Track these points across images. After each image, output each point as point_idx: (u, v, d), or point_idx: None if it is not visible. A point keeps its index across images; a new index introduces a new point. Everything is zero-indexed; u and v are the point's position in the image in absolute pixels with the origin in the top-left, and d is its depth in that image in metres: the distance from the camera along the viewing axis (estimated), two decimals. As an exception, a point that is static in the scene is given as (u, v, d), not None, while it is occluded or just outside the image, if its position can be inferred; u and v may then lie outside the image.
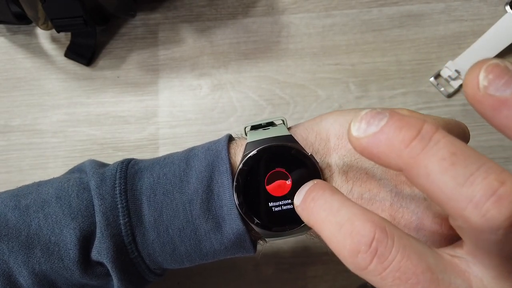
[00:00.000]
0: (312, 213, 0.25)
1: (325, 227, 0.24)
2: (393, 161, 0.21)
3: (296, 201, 0.28)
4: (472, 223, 0.19)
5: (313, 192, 0.26)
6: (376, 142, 0.21)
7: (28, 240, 0.35)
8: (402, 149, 0.21)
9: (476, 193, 0.19)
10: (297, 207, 0.28)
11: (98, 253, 0.34)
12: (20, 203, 0.36)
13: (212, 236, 0.34)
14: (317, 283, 0.56)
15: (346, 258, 0.23)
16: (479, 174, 0.19)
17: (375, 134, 0.21)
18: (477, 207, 0.19)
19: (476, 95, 0.20)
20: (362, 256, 0.22)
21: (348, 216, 0.23)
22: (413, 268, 0.21)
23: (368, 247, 0.22)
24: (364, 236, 0.22)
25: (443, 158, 0.20)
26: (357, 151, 0.23)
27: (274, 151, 0.33)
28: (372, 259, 0.22)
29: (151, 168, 0.36)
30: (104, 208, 0.34)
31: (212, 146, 0.36)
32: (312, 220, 0.26)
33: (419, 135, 0.20)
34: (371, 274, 0.22)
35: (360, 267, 0.22)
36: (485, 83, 0.20)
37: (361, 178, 0.32)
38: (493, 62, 0.20)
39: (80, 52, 0.62)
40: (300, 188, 0.28)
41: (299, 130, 0.36)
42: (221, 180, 0.34)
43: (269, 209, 0.33)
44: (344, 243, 0.22)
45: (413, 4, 0.64)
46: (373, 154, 0.22)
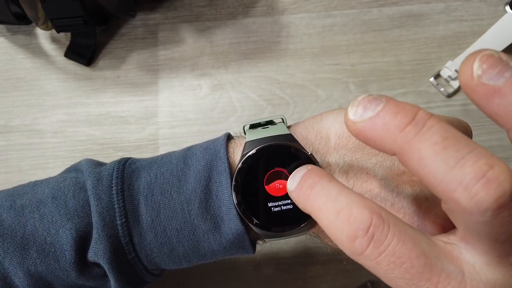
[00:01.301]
0: (309, 199, 0.26)
1: (322, 214, 0.25)
2: (387, 145, 0.22)
3: (290, 186, 0.28)
4: (462, 205, 0.20)
5: (309, 178, 0.27)
6: (372, 126, 0.22)
7: (23, 241, 0.34)
8: (397, 134, 0.21)
9: (466, 175, 0.19)
10: (292, 192, 0.28)
11: (94, 254, 0.34)
12: (15, 203, 0.36)
13: (211, 236, 0.34)
14: (317, 283, 0.56)
15: (344, 244, 0.23)
16: (469, 158, 0.20)
17: (371, 118, 0.22)
18: (467, 189, 0.19)
19: (470, 84, 0.21)
20: (359, 241, 0.23)
21: (346, 203, 0.24)
22: (407, 253, 0.22)
23: (365, 232, 0.22)
24: (362, 222, 0.23)
25: (435, 143, 0.20)
26: (353, 135, 0.24)
27: (274, 150, 0.33)
28: (369, 244, 0.22)
29: (148, 167, 0.36)
30: (100, 208, 0.34)
31: (210, 145, 0.36)
32: (309, 206, 0.26)
33: (413, 121, 0.21)
34: (367, 259, 0.23)
35: (357, 252, 0.23)
36: (479, 72, 0.20)
37: (362, 178, 0.32)
38: (487, 52, 0.21)
39: (80, 52, 0.62)
40: (294, 173, 0.28)
41: (299, 129, 0.35)
42: (219, 179, 0.34)
43: (268, 209, 0.33)
44: (342, 229, 0.23)
45: (413, 4, 0.64)
46: (368, 138, 0.23)
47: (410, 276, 0.22)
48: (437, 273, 0.22)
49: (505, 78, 0.20)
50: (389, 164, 0.32)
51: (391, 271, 0.22)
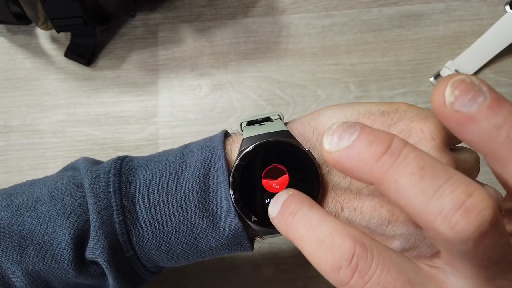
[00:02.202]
0: (291, 227, 0.26)
1: (305, 242, 0.24)
2: (364, 175, 0.22)
3: (271, 212, 0.28)
4: (443, 235, 0.19)
5: (290, 205, 0.26)
6: (348, 156, 0.22)
7: (21, 240, 0.34)
8: (373, 164, 0.21)
9: (445, 205, 0.19)
10: (273, 219, 0.28)
11: (92, 252, 0.34)
12: (12, 202, 0.36)
13: (209, 233, 0.34)
14: (317, 283, 0.56)
15: (328, 274, 0.23)
16: (447, 187, 0.19)
17: (346, 148, 0.22)
18: (446, 220, 0.19)
19: (443, 112, 0.21)
20: (343, 272, 0.22)
21: (329, 231, 0.24)
22: (393, 282, 0.22)
23: (349, 262, 0.22)
24: (345, 252, 0.22)
25: (412, 173, 0.20)
26: (330, 165, 0.24)
27: (271, 146, 0.33)
28: (353, 274, 0.22)
29: (146, 165, 0.36)
30: (98, 207, 0.34)
31: (207, 143, 0.36)
32: (291, 234, 0.26)
33: (389, 150, 0.21)
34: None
35: (342, 282, 0.22)
36: (451, 99, 0.20)
37: None
38: (459, 78, 0.20)
39: (80, 52, 0.62)
40: (275, 198, 0.28)
41: (296, 125, 0.35)
42: (217, 176, 0.34)
43: (266, 206, 0.33)
44: (325, 258, 0.23)
45: (413, 4, 0.64)
46: (345, 168, 0.22)
47: None
48: None
49: (478, 104, 0.20)
50: None
51: None
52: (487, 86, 0.21)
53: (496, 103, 0.20)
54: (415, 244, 0.31)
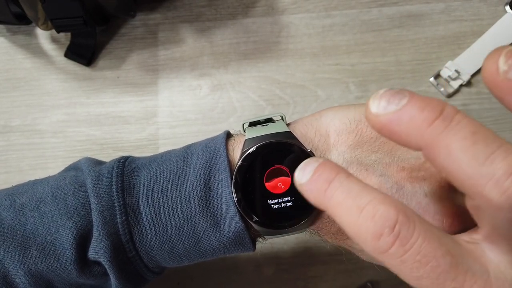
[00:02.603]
0: (326, 195, 0.25)
1: (342, 210, 0.24)
2: (413, 139, 0.22)
3: (299, 179, 0.26)
4: (492, 200, 0.20)
5: (324, 172, 0.25)
6: (398, 119, 0.22)
7: (23, 240, 0.34)
8: (425, 128, 0.21)
9: (497, 171, 0.19)
10: (302, 185, 0.26)
11: (95, 252, 0.34)
12: (15, 202, 0.36)
13: (211, 234, 0.34)
14: (317, 283, 0.56)
15: (367, 241, 0.22)
16: (499, 153, 0.19)
17: (396, 111, 0.22)
18: (498, 185, 0.19)
19: (495, 80, 0.21)
20: (385, 239, 0.22)
21: (370, 199, 0.23)
22: (433, 252, 0.21)
23: (391, 230, 0.22)
24: (388, 219, 0.22)
25: (465, 137, 0.20)
26: (375, 129, 0.23)
27: (273, 147, 0.33)
28: (394, 242, 0.22)
29: (148, 165, 0.36)
30: (100, 207, 0.34)
31: (210, 143, 0.36)
32: (325, 202, 0.25)
33: (441, 115, 0.21)
34: (391, 257, 0.22)
35: (381, 250, 0.22)
36: (505, 67, 0.20)
37: (362, 175, 0.32)
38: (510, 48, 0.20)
39: (80, 52, 0.62)
40: (302, 164, 0.27)
41: (298, 126, 0.35)
42: (219, 177, 0.34)
43: (268, 207, 0.33)
44: (366, 226, 0.22)
45: (413, 4, 0.64)
46: (392, 132, 0.22)
47: (436, 275, 0.21)
48: (463, 272, 0.22)
49: None
50: (388, 161, 0.32)
51: (416, 270, 0.22)
52: None
53: None
54: None
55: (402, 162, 0.32)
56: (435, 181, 0.31)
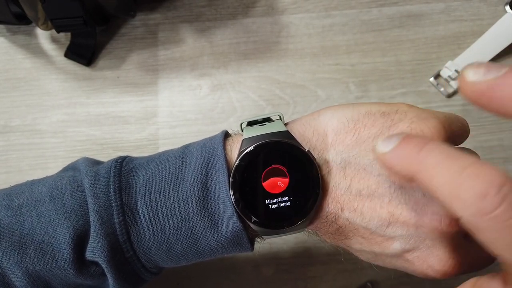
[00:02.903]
0: (417, 157, 0.24)
1: (438, 171, 0.22)
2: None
3: (383, 148, 0.26)
4: None
5: (414, 139, 0.25)
6: (500, 85, 0.21)
7: (21, 240, 0.34)
8: None
9: None
10: (385, 154, 0.25)
11: (92, 253, 0.34)
12: (12, 202, 0.36)
13: (209, 234, 0.34)
14: (317, 283, 0.56)
15: (468, 201, 0.21)
16: None
17: (498, 78, 0.21)
18: None
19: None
20: (491, 199, 0.20)
21: (472, 161, 0.22)
22: None
23: (499, 189, 0.20)
24: (496, 178, 0.21)
25: None
26: (471, 98, 0.23)
27: (271, 147, 0.33)
28: (501, 202, 0.20)
29: (146, 165, 0.36)
30: (98, 207, 0.34)
31: (207, 143, 0.36)
32: (416, 165, 0.24)
33: None
34: (495, 220, 0.20)
35: (486, 211, 0.20)
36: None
37: (359, 174, 0.32)
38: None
39: (80, 52, 0.62)
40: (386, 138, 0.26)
41: (296, 125, 0.35)
42: (217, 177, 0.34)
43: (266, 206, 0.33)
44: (468, 185, 0.21)
45: (413, 4, 0.64)
46: (493, 99, 0.22)
47: None
48: None
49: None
50: None
51: None
52: None
53: None
54: (415, 245, 0.31)
55: None
56: None
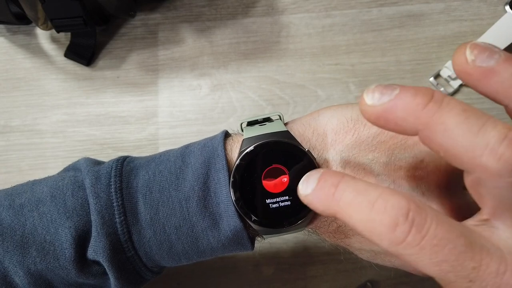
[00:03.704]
0: (334, 198, 0.25)
1: (353, 209, 0.24)
2: (410, 124, 0.23)
3: (304, 190, 0.27)
4: (489, 168, 0.21)
5: (330, 178, 0.26)
6: (393, 107, 0.23)
7: (23, 240, 0.34)
8: (419, 111, 0.22)
9: (490, 139, 0.21)
10: (308, 195, 0.27)
11: (94, 252, 0.34)
12: (14, 202, 0.36)
13: (209, 233, 0.34)
14: (317, 283, 0.56)
15: (383, 235, 0.23)
16: (489, 124, 0.21)
17: (391, 100, 0.23)
18: (493, 152, 0.20)
19: (466, 69, 0.23)
20: (401, 229, 0.22)
21: (379, 194, 0.23)
22: (447, 234, 0.22)
23: (406, 218, 0.22)
24: (401, 208, 0.22)
25: (458, 114, 0.21)
26: (371, 120, 0.24)
27: (271, 147, 0.33)
28: (410, 229, 0.22)
29: (146, 165, 0.36)
30: (99, 207, 0.34)
31: (208, 143, 0.36)
32: (334, 206, 0.25)
33: (433, 99, 0.22)
34: (409, 246, 0.22)
35: (399, 240, 0.22)
36: (472, 57, 0.23)
37: (359, 174, 0.32)
38: (473, 42, 0.23)
39: (80, 52, 0.62)
40: (305, 177, 0.27)
41: (296, 125, 0.36)
42: (217, 176, 0.34)
43: (266, 206, 0.33)
44: (380, 219, 0.23)
45: (413, 4, 0.64)
46: (389, 120, 0.23)
47: (455, 257, 0.22)
48: (479, 250, 0.22)
49: (495, 59, 0.23)
50: (385, 160, 0.32)
51: (435, 255, 0.22)
52: (497, 47, 0.23)
53: (509, 57, 0.23)
54: None
55: (399, 161, 0.32)
56: (432, 180, 0.31)
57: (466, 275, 0.22)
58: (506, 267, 0.22)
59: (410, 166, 0.31)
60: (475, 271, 0.22)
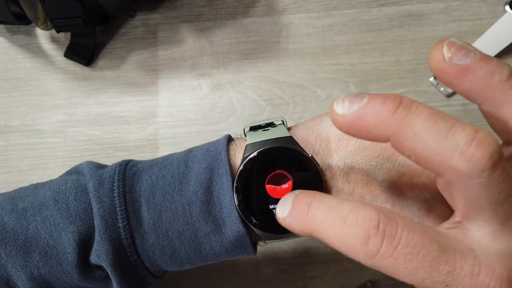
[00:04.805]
0: (308, 217, 0.25)
1: (327, 225, 0.24)
2: (381, 131, 0.23)
3: (281, 214, 0.27)
4: (460, 170, 0.21)
5: (303, 198, 0.26)
6: (363, 115, 0.23)
7: (26, 244, 0.34)
8: (389, 117, 0.22)
9: (459, 141, 0.21)
10: (285, 218, 0.27)
11: (97, 257, 0.34)
12: (17, 206, 0.36)
13: (212, 238, 0.34)
14: (317, 283, 0.56)
15: (357, 248, 0.23)
16: (457, 126, 0.21)
17: (361, 109, 0.23)
18: (463, 153, 0.21)
19: (442, 66, 0.24)
20: (373, 241, 0.22)
21: (350, 208, 0.24)
22: (420, 241, 0.22)
23: (377, 230, 0.23)
24: (371, 220, 0.23)
25: (426, 118, 0.22)
26: (343, 130, 0.25)
27: (275, 152, 0.33)
28: (383, 241, 0.22)
29: (149, 169, 0.36)
30: (102, 211, 0.34)
31: (211, 147, 0.36)
32: (309, 224, 0.25)
33: (401, 104, 0.22)
34: (383, 257, 0.22)
35: (372, 253, 0.23)
36: (449, 55, 0.23)
37: (363, 180, 0.32)
38: (450, 40, 0.24)
39: (79, 52, 0.62)
40: (281, 201, 0.28)
41: (299, 130, 0.36)
42: (220, 181, 0.34)
43: (270, 211, 0.33)
44: (352, 233, 0.23)
45: (412, 4, 0.64)
46: (360, 128, 0.24)
47: (429, 263, 0.22)
48: (452, 254, 0.22)
49: (471, 57, 0.23)
50: (389, 167, 0.32)
51: (409, 263, 0.22)
52: (472, 46, 0.24)
53: (485, 56, 0.23)
54: None
55: (402, 168, 0.32)
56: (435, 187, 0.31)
57: (442, 280, 0.22)
58: (480, 268, 0.22)
59: (414, 173, 0.31)
60: (450, 275, 0.22)
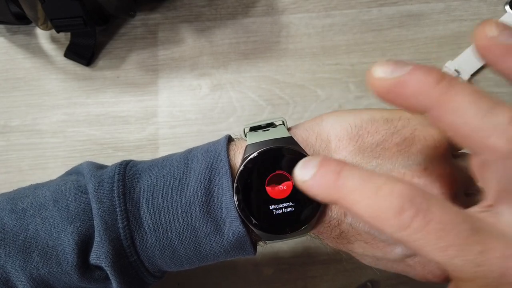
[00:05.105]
0: (336, 185, 0.24)
1: (357, 196, 0.23)
2: (420, 101, 0.23)
3: (302, 176, 0.26)
4: (498, 148, 0.21)
5: (330, 165, 0.25)
6: (405, 82, 0.23)
7: (25, 245, 0.34)
8: (431, 88, 0.22)
9: (501, 120, 0.21)
10: (306, 182, 0.26)
11: (96, 257, 0.34)
12: (16, 207, 0.36)
13: (212, 238, 0.34)
14: (317, 283, 0.56)
15: (390, 220, 0.22)
16: (499, 106, 0.21)
17: (403, 75, 0.23)
18: (502, 132, 0.20)
19: (487, 44, 0.23)
20: (407, 214, 0.22)
21: (384, 180, 0.23)
22: (454, 219, 0.22)
23: (411, 203, 0.22)
24: (408, 194, 0.22)
25: (469, 93, 0.22)
26: (380, 94, 0.24)
27: (275, 153, 0.33)
28: (417, 213, 0.22)
29: (149, 170, 0.36)
30: (102, 212, 0.34)
31: (211, 148, 0.36)
32: (336, 193, 0.24)
33: (445, 78, 0.22)
34: (415, 231, 0.22)
35: (405, 224, 0.22)
36: (495, 33, 0.22)
37: None
38: (496, 20, 0.23)
39: (79, 52, 0.62)
40: (302, 162, 0.26)
41: (299, 131, 0.36)
42: (220, 182, 0.34)
43: (270, 212, 0.33)
44: (386, 204, 0.22)
45: (412, 4, 0.64)
46: (399, 95, 0.23)
47: (460, 241, 0.21)
48: (484, 235, 0.22)
49: None
50: (389, 167, 0.32)
51: (441, 239, 0.21)
52: None
53: None
54: None
55: (403, 168, 0.32)
56: (437, 188, 0.31)
57: (473, 259, 0.21)
58: None
59: (415, 174, 0.31)
60: (482, 255, 0.21)
